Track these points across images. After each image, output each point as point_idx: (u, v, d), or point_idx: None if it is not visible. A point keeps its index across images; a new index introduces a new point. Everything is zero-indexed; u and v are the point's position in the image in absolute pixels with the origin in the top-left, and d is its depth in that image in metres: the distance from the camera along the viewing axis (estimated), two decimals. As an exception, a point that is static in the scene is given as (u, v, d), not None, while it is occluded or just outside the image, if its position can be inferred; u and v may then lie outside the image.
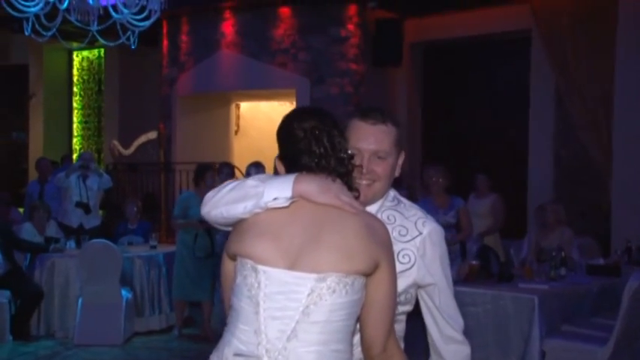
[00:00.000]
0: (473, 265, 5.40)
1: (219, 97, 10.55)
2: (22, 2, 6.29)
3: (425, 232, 1.96)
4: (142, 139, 9.97)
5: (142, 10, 6.48)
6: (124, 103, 12.26)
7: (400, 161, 2.04)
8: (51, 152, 12.03)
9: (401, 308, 1.97)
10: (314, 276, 1.70)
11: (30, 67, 13.26)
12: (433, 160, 8.37)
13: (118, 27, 6.42)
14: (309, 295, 1.69)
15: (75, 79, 13.41)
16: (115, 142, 10.28)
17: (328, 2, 9.23)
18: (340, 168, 1.78)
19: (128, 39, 6.61)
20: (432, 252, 1.97)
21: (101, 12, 6.51)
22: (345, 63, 9.26)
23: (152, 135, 10.00)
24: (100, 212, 8.68)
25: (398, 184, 8.59)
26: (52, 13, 6.45)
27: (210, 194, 1.86)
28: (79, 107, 13.40)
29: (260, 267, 1.73)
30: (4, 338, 6.23)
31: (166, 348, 6.33)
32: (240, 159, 9.58)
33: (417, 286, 1.99)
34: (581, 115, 8.29)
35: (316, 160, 1.76)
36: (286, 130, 1.82)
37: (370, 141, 1.96)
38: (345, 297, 1.69)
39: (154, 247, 7.05)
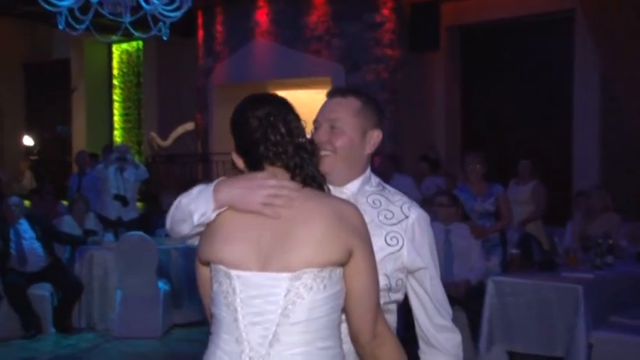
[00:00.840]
0: (513, 254, 5.22)
1: (255, 87, 10.46)
2: (56, -3, 6.30)
3: (412, 216, 1.91)
4: (180, 130, 9.99)
5: (173, 0, 6.42)
6: (162, 95, 12.30)
7: (373, 140, 1.95)
8: (93, 145, 12.17)
9: (392, 296, 1.90)
10: (288, 275, 1.61)
11: (72, 61, 13.43)
12: (473, 146, 8.15)
13: (149, 18, 6.36)
14: (285, 295, 1.61)
15: (115, 72, 13.52)
16: (153, 134, 10.30)
17: (362, -13, 9.06)
18: (301, 153, 1.68)
19: (160, 30, 6.56)
20: (420, 237, 1.92)
21: (133, 3, 6.47)
22: (380, 49, 9.08)
23: (189, 126, 10.00)
24: (139, 205, 8.70)
25: (435, 170, 8.34)
26: (85, 6, 6.45)
27: (169, 212, 1.82)
28: (120, 100, 13.51)
29: (233, 272, 1.65)
30: (47, 330, 6.27)
31: (206, 340, 6.28)
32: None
33: (407, 271, 1.92)
34: (628, 98, 7.95)
35: (273, 148, 1.67)
36: (240, 121, 1.71)
37: (324, 110, 1.95)
38: (324, 292, 1.62)
39: (191, 238, 7.00)
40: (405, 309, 2.02)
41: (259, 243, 1.64)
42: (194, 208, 1.68)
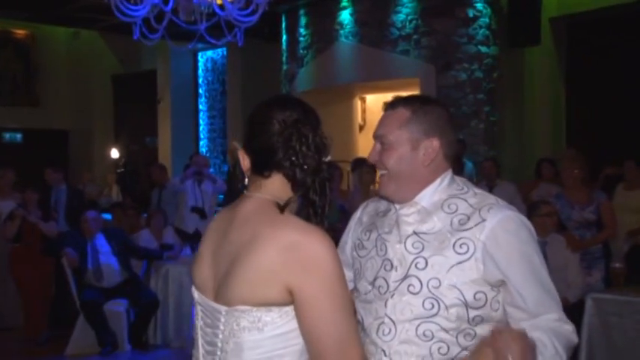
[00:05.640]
0: (616, 269, 4.98)
1: (340, 91, 10.51)
2: (130, 7, 6.56)
3: (492, 219, 1.79)
4: (263, 139, 10.17)
5: (248, 5, 6.55)
6: (246, 103, 12.52)
7: (428, 150, 1.86)
8: (179, 155, 12.58)
9: (472, 313, 1.78)
10: (225, 309, 1.55)
11: (158, 72, 13.96)
12: (580, 149, 7.82)
13: (223, 24, 6.51)
14: (223, 331, 1.56)
15: (200, 80, 13.94)
16: (235, 144, 10.45)
17: (453, -19, 8.92)
18: (320, 174, 1.58)
19: (235, 36, 6.70)
20: (505, 242, 1.77)
21: (208, 10, 6.64)
22: (474, 46, 8.90)
23: (272, 134, 10.17)
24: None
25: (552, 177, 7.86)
26: (160, 15, 6.68)
27: None
28: (205, 109, 13.90)
29: (196, 294, 1.66)
30: (123, 347, 6.50)
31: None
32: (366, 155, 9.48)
33: (489, 285, 1.78)
34: None
35: (293, 158, 1.57)
36: (262, 120, 1.62)
37: (376, 126, 1.95)
38: (260, 334, 1.51)
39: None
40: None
41: (219, 267, 1.60)
42: None
